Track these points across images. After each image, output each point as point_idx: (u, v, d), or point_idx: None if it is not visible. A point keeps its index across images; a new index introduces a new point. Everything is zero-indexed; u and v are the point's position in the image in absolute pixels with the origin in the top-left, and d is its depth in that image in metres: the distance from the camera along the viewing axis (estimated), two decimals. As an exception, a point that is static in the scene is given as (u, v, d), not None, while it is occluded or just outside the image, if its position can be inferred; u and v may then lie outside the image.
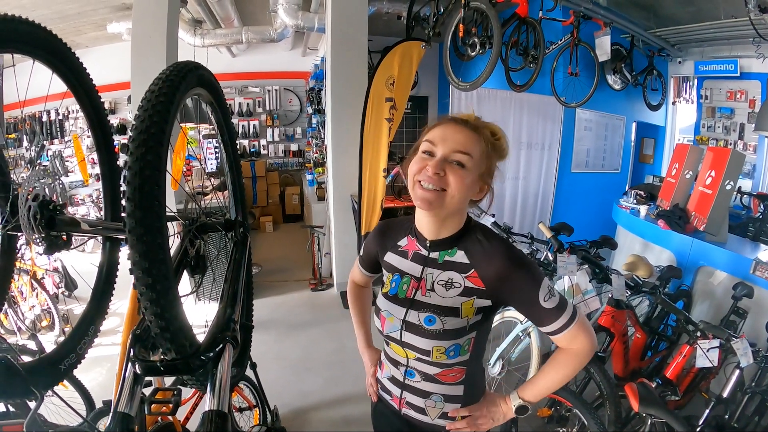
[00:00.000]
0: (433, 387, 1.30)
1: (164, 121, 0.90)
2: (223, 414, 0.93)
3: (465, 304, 1.20)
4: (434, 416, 1.33)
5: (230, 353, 1.05)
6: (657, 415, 2.04)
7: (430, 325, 1.21)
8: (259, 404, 2.75)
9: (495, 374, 3.09)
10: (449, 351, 1.21)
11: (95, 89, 1.36)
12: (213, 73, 1.36)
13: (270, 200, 9.00)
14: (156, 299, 0.85)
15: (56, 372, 1.16)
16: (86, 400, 2.53)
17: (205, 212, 1.49)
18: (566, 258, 3.01)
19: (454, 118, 1.19)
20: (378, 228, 1.45)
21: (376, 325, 1.37)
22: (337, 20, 4.70)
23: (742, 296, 2.97)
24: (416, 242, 1.29)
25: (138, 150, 0.85)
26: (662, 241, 4.01)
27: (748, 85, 6.13)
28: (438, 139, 1.15)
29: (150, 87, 0.96)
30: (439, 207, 1.14)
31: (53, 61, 1.16)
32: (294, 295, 5.23)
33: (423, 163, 1.14)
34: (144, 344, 1.00)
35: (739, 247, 3.65)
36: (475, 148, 1.14)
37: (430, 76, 8.12)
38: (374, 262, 1.47)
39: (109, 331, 3.90)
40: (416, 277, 1.27)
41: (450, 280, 1.22)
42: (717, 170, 3.59)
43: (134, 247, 0.83)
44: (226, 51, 8.14)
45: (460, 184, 1.12)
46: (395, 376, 1.37)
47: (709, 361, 2.29)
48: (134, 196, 0.83)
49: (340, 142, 4.95)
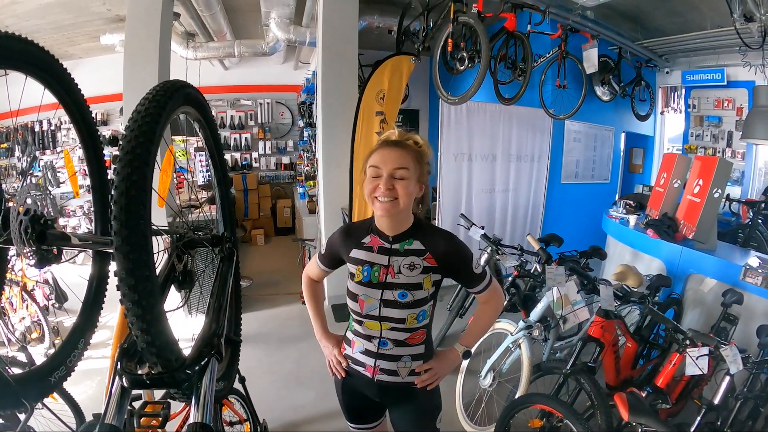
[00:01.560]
0: (402, 350, 1.65)
1: (150, 142, 0.92)
2: (208, 427, 0.93)
3: (425, 279, 1.58)
4: (404, 375, 1.67)
5: (215, 367, 1.05)
6: (647, 425, 2.05)
7: (404, 298, 1.57)
8: (249, 418, 2.74)
9: (486, 386, 3.09)
10: (419, 316, 1.61)
11: (86, 104, 1.37)
12: (200, 91, 1.38)
13: (261, 213, 8.97)
14: (142, 315, 0.87)
15: (46, 384, 1.17)
16: (76, 413, 2.51)
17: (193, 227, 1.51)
18: (554, 269, 3.03)
19: (387, 142, 1.54)
20: (342, 230, 1.76)
21: (353, 308, 1.66)
22: (328, 34, 4.73)
23: (732, 303, 2.99)
24: (379, 239, 1.63)
25: (124, 170, 0.88)
26: (652, 250, 4.04)
27: (735, 94, 6.23)
28: (380, 162, 1.50)
29: (137, 107, 0.98)
30: (394, 211, 1.51)
31: (45, 77, 1.18)
32: (285, 309, 5.20)
33: (375, 183, 1.50)
34: (131, 358, 1.01)
35: (728, 254, 3.69)
36: (409, 161, 1.50)
37: (421, 89, 8.18)
38: (336, 259, 1.76)
39: (100, 344, 3.86)
40: (384, 265, 1.60)
41: (412, 263, 1.58)
42: (705, 179, 3.63)
43: (121, 264, 0.85)
44: (218, 64, 8.19)
45: (405, 191, 1.49)
46: (368, 348, 1.67)
47: (698, 368, 2.29)
48: (120, 215, 0.85)
49: (331, 155, 4.96)
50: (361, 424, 1.90)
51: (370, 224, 1.67)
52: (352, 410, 1.87)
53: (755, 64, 5.31)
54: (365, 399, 1.79)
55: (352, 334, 1.74)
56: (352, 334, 1.74)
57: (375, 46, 6.58)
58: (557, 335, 3.59)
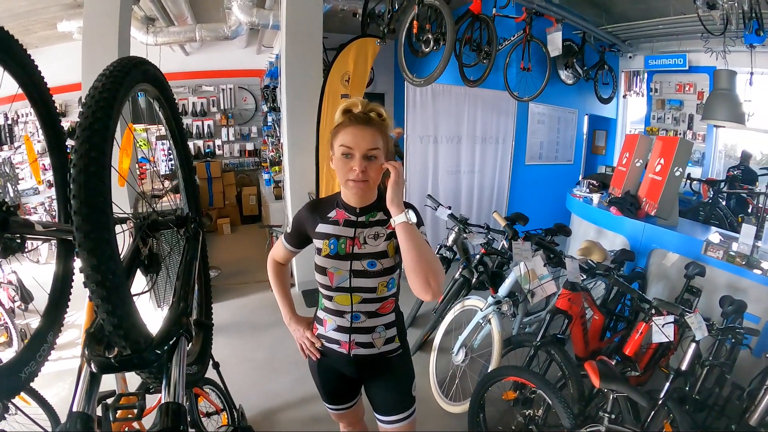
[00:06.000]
0: (375, 321, 1.69)
1: (107, 117, 0.89)
2: (179, 405, 0.92)
3: (389, 245, 1.63)
4: (380, 345, 1.71)
5: (184, 346, 1.04)
6: (618, 390, 2.12)
7: (373, 267, 1.62)
8: (226, 407, 2.71)
9: (459, 362, 3.14)
10: (389, 284, 1.65)
11: (47, 88, 1.31)
12: (159, 68, 1.34)
13: (227, 201, 8.82)
14: (107, 297, 0.84)
15: (17, 380, 1.11)
16: (50, 416, 2.44)
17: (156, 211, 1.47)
18: (521, 245, 3.09)
19: (355, 117, 1.52)
20: (308, 205, 1.75)
21: (322, 282, 1.67)
22: (292, 17, 4.65)
23: (694, 275, 3.13)
24: (345, 212, 1.66)
25: (82, 147, 0.84)
26: (615, 227, 4.17)
27: (696, 78, 6.45)
28: (352, 143, 1.49)
29: (93, 83, 0.94)
30: (367, 190, 1.57)
31: (4, 57, 1.12)
32: (256, 297, 5.14)
33: (347, 164, 1.51)
34: (99, 342, 0.97)
35: (690, 230, 3.85)
36: (378, 139, 1.50)
37: (386, 72, 8.15)
38: (303, 236, 1.76)
39: (69, 344, 3.75)
40: (350, 237, 1.64)
41: (376, 233, 1.63)
42: (666, 158, 3.76)
43: (82, 244, 0.82)
44: (179, 49, 7.93)
45: (376, 172, 1.53)
46: (341, 324, 1.70)
47: (665, 336, 2.37)
48: (80, 192, 0.82)
49: (297, 139, 4.91)
50: (339, 404, 1.92)
51: (336, 198, 1.69)
52: (329, 390, 1.88)
53: (717, 50, 5.47)
54: (341, 377, 1.82)
55: (323, 312, 1.74)
56: (323, 313, 1.75)
57: (340, 30, 6.51)
58: (525, 310, 3.68)
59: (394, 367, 1.77)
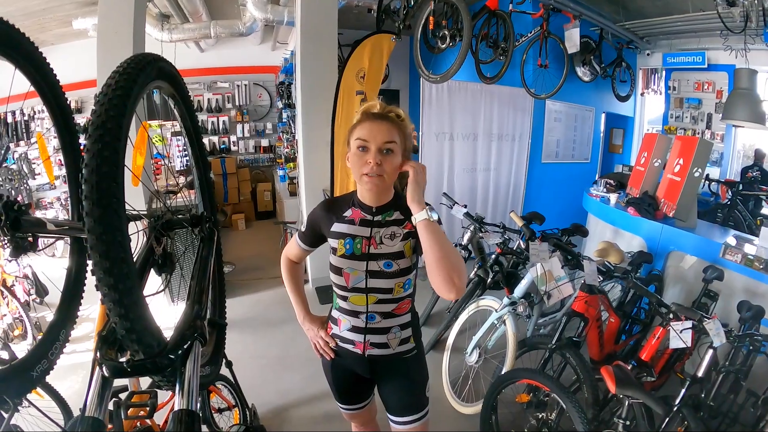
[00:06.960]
0: (391, 322, 1.66)
1: (121, 116, 0.87)
2: (192, 413, 0.90)
3: (406, 245, 1.59)
4: (395, 345, 1.69)
5: (198, 350, 1.02)
6: (634, 396, 2.08)
7: (389, 268, 1.59)
8: (238, 404, 2.72)
9: (473, 362, 3.11)
10: (405, 285, 1.63)
11: (60, 86, 1.30)
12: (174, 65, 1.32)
13: (242, 197, 8.84)
14: (119, 300, 0.83)
15: (28, 379, 1.11)
16: (63, 409, 2.46)
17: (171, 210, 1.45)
18: (538, 245, 3.05)
19: (371, 113, 1.53)
20: (323, 204, 1.74)
21: (338, 283, 1.65)
22: (307, 13, 4.63)
23: (712, 279, 3.04)
24: (361, 211, 1.63)
25: (94, 146, 0.82)
26: (633, 228, 4.09)
27: (715, 77, 6.30)
28: (368, 136, 1.48)
29: (107, 81, 0.92)
30: (382, 186, 1.53)
31: (15, 56, 1.11)
32: (269, 293, 5.16)
33: (363, 158, 1.49)
34: (111, 346, 0.96)
35: (708, 232, 3.76)
36: (395, 134, 1.49)
37: (401, 69, 8.10)
38: (317, 235, 1.74)
39: (84, 337, 3.81)
40: (366, 237, 1.61)
41: (393, 233, 1.60)
42: (685, 158, 3.67)
43: (94, 247, 0.80)
44: (194, 46, 7.95)
45: (392, 166, 1.50)
46: (356, 325, 1.68)
47: (682, 342, 2.32)
48: (92, 193, 0.80)
49: (311, 136, 4.89)
50: (351, 404, 1.90)
51: (351, 197, 1.67)
52: (342, 390, 1.87)
53: (736, 48, 5.33)
54: (355, 377, 1.81)
55: (338, 312, 1.73)
56: (337, 312, 1.73)
57: (354, 26, 6.49)
58: (541, 311, 3.63)
59: (408, 367, 1.75)
